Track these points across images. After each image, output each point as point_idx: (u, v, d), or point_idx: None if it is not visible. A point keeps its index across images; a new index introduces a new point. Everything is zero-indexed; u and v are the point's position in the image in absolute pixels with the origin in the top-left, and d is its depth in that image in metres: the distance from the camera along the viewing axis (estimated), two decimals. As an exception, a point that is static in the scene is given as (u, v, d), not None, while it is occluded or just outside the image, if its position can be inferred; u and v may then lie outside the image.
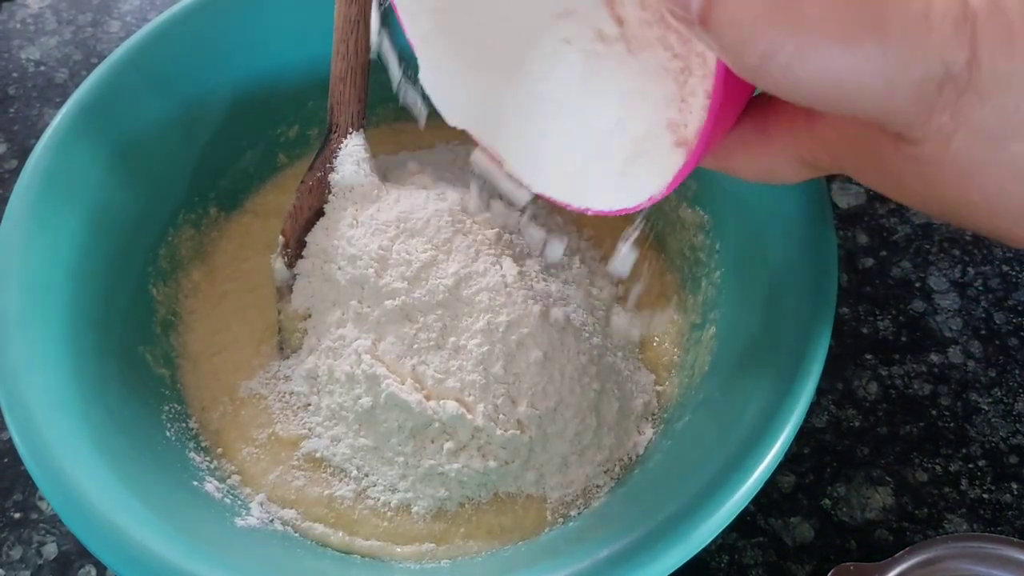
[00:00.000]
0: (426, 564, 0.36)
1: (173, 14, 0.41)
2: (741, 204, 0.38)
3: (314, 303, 0.40)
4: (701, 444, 0.34)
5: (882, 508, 0.40)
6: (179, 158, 0.42)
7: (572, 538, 0.35)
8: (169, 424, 0.38)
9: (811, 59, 0.19)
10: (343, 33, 0.41)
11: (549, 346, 0.36)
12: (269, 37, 0.43)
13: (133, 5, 0.59)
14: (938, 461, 0.41)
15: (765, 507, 0.40)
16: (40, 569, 0.39)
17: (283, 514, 0.37)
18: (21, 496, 0.41)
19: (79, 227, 0.37)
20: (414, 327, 0.36)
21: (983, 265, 0.47)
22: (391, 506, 0.37)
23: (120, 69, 0.40)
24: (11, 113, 0.55)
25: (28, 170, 0.37)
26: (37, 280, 0.35)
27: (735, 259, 0.39)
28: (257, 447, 0.38)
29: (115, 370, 0.36)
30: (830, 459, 0.41)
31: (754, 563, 0.39)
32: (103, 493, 0.31)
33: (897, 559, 0.35)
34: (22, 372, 0.32)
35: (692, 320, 0.41)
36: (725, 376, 0.36)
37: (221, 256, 0.44)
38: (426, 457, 0.36)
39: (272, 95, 0.44)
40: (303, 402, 0.39)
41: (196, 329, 0.42)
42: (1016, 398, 0.43)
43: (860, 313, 0.45)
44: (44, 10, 0.59)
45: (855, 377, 0.43)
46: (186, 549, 0.30)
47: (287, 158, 0.46)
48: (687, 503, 0.30)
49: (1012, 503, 0.40)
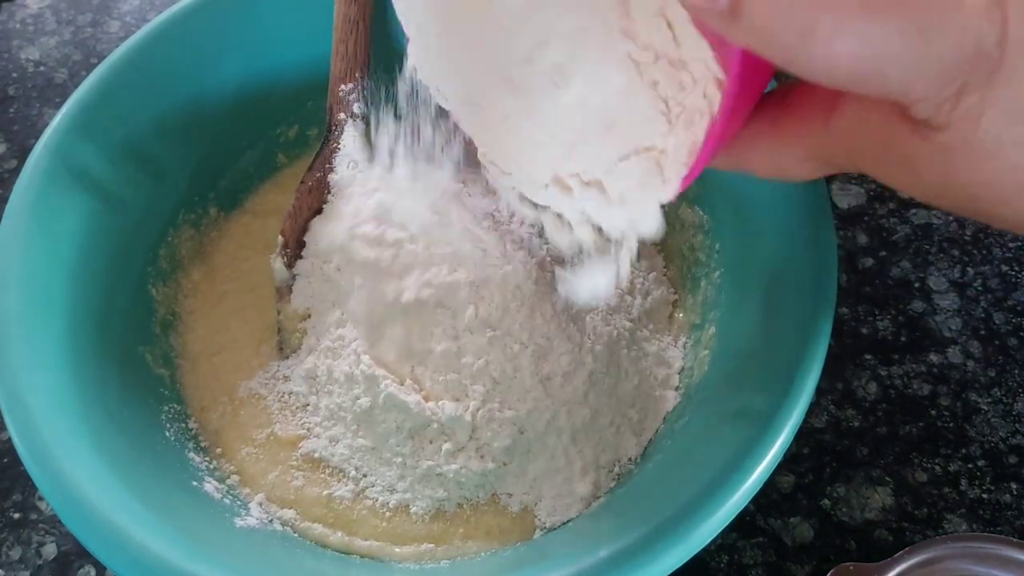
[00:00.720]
0: (425, 564, 0.36)
1: (173, 14, 0.41)
2: (740, 204, 0.38)
3: (314, 303, 0.40)
4: (701, 444, 0.34)
5: (882, 508, 0.40)
6: (179, 158, 0.42)
7: (571, 539, 0.35)
8: (168, 424, 0.38)
9: (847, 34, 0.19)
10: (343, 33, 0.42)
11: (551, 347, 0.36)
12: (269, 37, 0.43)
13: (133, 5, 0.59)
14: (938, 461, 0.41)
15: (765, 507, 0.40)
16: (40, 569, 0.39)
17: (282, 514, 0.37)
18: (21, 496, 0.41)
19: (79, 227, 0.37)
20: (414, 327, 0.36)
21: (982, 265, 0.47)
22: (390, 506, 0.37)
23: (120, 69, 0.40)
24: (11, 113, 0.55)
25: (28, 170, 0.37)
26: (37, 280, 0.35)
27: (735, 259, 0.39)
28: (256, 447, 0.38)
29: (115, 370, 0.36)
30: (830, 459, 0.41)
31: (754, 563, 0.39)
32: (103, 493, 0.31)
33: (897, 559, 0.35)
34: (22, 372, 0.32)
35: (692, 320, 0.41)
36: (725, 376, 0.36)
37: (221, 256, 0.44)
38: (424, 458, 0.36)
39: (272, 95, 0.44)
40: (302, 402, 0.39)
41: (196, 329, 0.42)
42: (1016, 398, 0.43)
43: (860, 313, 0.45)
44: (44, 10, 0.59)
45: (855, 377, 0.43)
46: (186, 549, 0.30)
47: (287, 158, 0.46)
48: (687, 503, 0.30)
49: (1012, 503, 0.40)
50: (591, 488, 0.36)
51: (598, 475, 0.37)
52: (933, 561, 0.35)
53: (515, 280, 0.36)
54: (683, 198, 0.42)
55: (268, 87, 0.44)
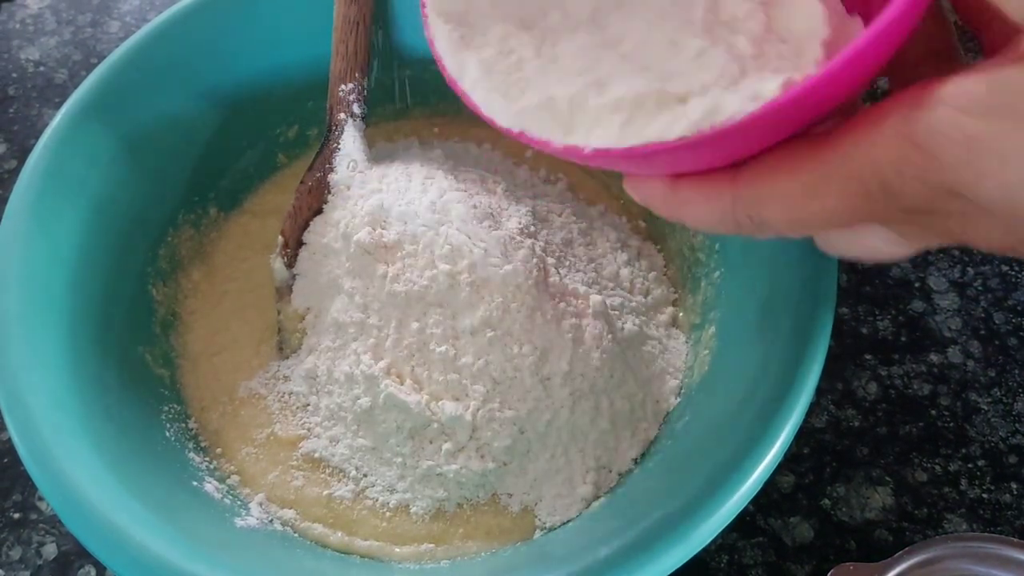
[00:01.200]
0: (425, 564, 0.36)
1: (172, 14, 0.41)
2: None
3: (313, 303, 0.40)
4: (701, 444, 0.34)
5: (882, 508, 0.40)
6: (179, 158, 0.42)
7: (571, 539, 0.35)
8: (169, 424, 0.38)
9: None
10: (343, 33, 0.42)
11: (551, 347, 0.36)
12: (269, 37, 0.43)
13: (132, 5, 0.59)
14: (938, 461, 0.41)
15: (765, 507, 0.40)
16: (40, 569, 0.39)
17: (282, 514, 0.37)
18: (21, 496, 0.41)
19: (79, 227, 0.37)
20: (413, 327, 0.36)
21: (982, 265, 0.47)
22: (390, 506, 0.37)
23: (120, 69, 0.40)
24: (11, 113, 0.55)
25: (28, 170, 0.37)
26: (37, 280, 0.35)
27: (735, 259, 0.39)
28: (256, 447, 0.38)
29: (115, 370, 0.36)
30: (830, 459, 0.41)
31: (754, 563, 0.39)
32: (103, 493, 0.31)
33: (897, 559, 0.35)
34: (22, 372, 0.32)
35: (692, 320, 0.41)
36: (725, 376, 0.36)
37: (221, 256, 0.44)
38: (424, 458, 0.36)
39: (272, 95, 0.44)
40: (302, 402, 0.39)
41: (196, 329, 0.42)
42: (1015, 398, 0.43)
43: (860, 313, 0.45)
44: (43, 10, 0.59)
45: (855, 377, 0.43)
46: (186, 549, 0.30)
47: (286, 158, 0.46)
48: (687, 503, 0.30)
49: (1011, 503, 0.40)
50: (591, 488, 0.36)
51: (598, 475, 0.37)
52: (933, 561, 0.35)
53: (515, 280, 0.36)
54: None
55: (268, 87, 0.44)
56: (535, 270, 0.37)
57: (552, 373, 0.36)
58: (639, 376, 0.38)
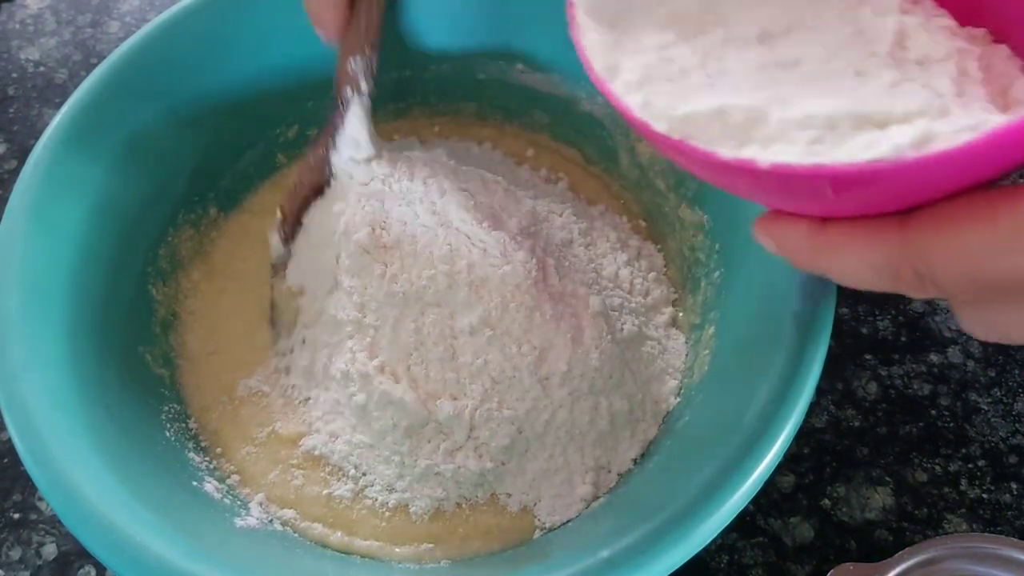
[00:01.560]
0: (425, 564, 0.36)
1: (172, 14, 0.41)
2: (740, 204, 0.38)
3: (308, 283, 0.40)
4: (701, 444, 0.34)
5: (882, 508, 0.40)
6: (179, 158, 0.42)
7: (571, 538, 0.35)
8: (168, 424, 0.38)
9: None
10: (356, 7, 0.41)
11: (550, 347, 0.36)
12: (269, 37, 0.43)
13: (132, 5, 0.59)
14: (938, 461, 0.41)
15: (765, 507, 0.40)
16: (39, 570, 0.39)
17: (282, 514, 0.37)
18: (20, 496, 0.41)
19: (79, 227, 0.37)
20: (411, 326, 0.36)
21: (983, 265, 0.47)
22: (389, 506, 0.37)
23: (119, 69, 0.40)
24: (11, 113, 0.55)
25: (28, 170, 0.37)
26: (37, 280, 0.35)
27: (735, 259, 0.39)
28: (256, 446, 0.38)
29: (115, 370, 0.36)
30: (830, 459, 0.41)
31: (754, 563, 0.39)
32: (103, 493, 0.31)
33: (897, 559, 0.35)
34: (22, 372, 0.32)
35: (692, 320, 0.41)
36: (725, 376, 0.36)
37: (220, 256, 0.44)
38: (422, 456, 0.36)
39: (272, 95, 0.44)
40: (303, 396, 0.39)
41: (195, 329, 0.42)
42: (1016, 398, 0.43)
43: (860, 313, 0.45)
44: (43, 11, 0.59)
45: (855, 377, 0.43)
46: (186, 549, 0.30)
47: (286, 158, 0.46)
48: (687, 503, 0.30)
49: (1012, 503, 0.40)
50: (591, 488, 0.36)
51: (598, 475, 0.37)
52: (933, 561, 0.35)
53: (514, 280, 0.36)
54: (683, 198, 0.42)
55: (268, 87, 0.44)
56: (534, 270, 0.37)
57: (551, 373, 0.36)
58: (638, 376, 0.38)
